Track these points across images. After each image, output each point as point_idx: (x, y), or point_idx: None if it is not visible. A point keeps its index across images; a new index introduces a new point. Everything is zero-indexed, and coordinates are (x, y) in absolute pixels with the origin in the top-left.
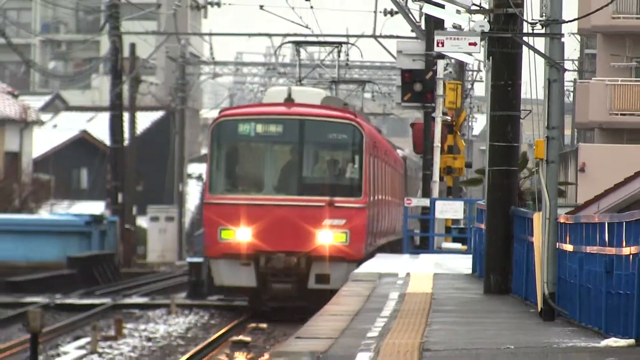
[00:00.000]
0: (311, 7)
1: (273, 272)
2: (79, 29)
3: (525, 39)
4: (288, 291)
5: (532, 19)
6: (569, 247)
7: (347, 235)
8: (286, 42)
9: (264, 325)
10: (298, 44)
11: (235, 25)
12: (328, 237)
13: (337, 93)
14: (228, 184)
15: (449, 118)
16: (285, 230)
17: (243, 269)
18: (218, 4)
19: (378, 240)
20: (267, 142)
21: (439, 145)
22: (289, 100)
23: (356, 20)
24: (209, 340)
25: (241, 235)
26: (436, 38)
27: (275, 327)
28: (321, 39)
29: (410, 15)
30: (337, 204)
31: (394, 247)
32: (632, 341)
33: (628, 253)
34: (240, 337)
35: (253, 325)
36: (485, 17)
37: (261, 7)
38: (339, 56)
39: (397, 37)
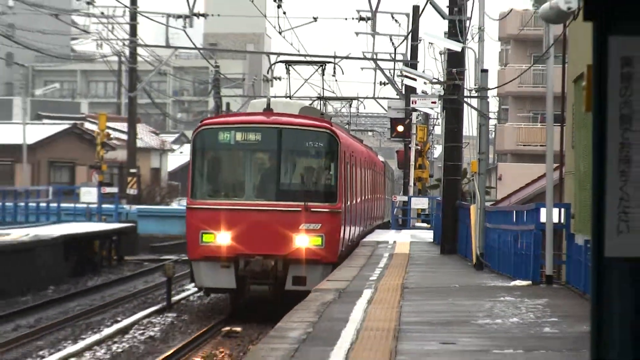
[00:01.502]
0: (336, 80)
1: (252, 274)
2: (196, 93)
3: (466, 99)
4: (265, 292)
5: (470, 88)
6: (491, 225)
7: (322, 238)
8: (278, 62)
9: (238, 329)
10: (288, 63)
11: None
12: (304, 240)
13: (326, 109)
14: (209, 189)
15: (419, 147)
16: (264, 234)
17: (223, 271)
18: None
19: (357, 237)
20: (246, 149)
21: (413, 163)
22: (268, 110)
23: (363, 88)
24: None
25: (221, 238)
26: (412, 98)
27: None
28: (340, 101)
29: (396, 85)
30: (312, 209)
31: (384, 227)
32: (529, 282)
33: (526, 229)
34: (230, 328)
35: (227, 329)
36: (441, 86)
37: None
38: (323, 74)
39: (388, 98)
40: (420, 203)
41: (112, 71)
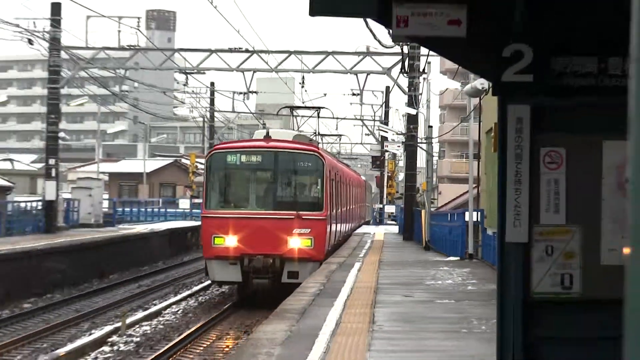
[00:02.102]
0: (338, 126)
1: (254, 270)
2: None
3: (419, 144)
4: (266, 285)
5: (421, 137)
6: (434, 222)
7: (311, 240)
8: (283, 107)
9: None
10: (292, 108)
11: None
12: (297, 242)
13: (323, 144)
14: (219, 201)
15: (389, 174)
16: (264, 237)
17: (231, 267)
18: None
19: (341, 237)
20: (250, 169)
21: (386, 184)
22: (267, 137)
23: (352, 134)
24: None
25: (229, 241)
26: (385, 143)
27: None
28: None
29: (375, 135)
30: (303, 217)
31: (367, 224)
32: (458, 258)
33: (456, 225)
34: None
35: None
36: (403, 136)
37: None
38: (318, 116)
39: (370, 143)
40: (390, 209)
41: (199, 127)
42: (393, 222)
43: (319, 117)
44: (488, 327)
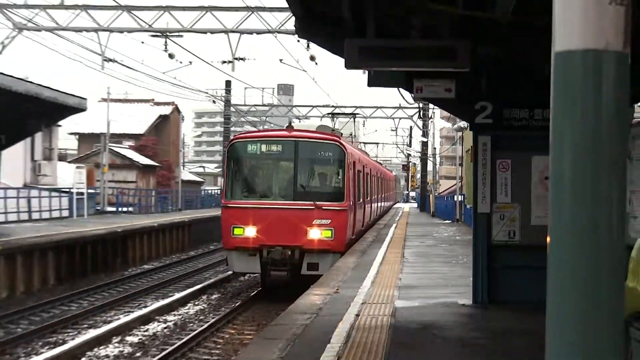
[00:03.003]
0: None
1: (272, 262)
2: None
3: (429, 158)
4: (284, 277)
5: (430, 153)
6: (437, 201)
7: (332, 231)
8: (326, 115)
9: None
10: (333, 115)
11: None
12: (317, 233)
13: (359, 146)
14: (239, 191)
15: (412, 174)
16: (283, 228)
17: (250, 258)
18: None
19: (364, 226)
20: (270, 158)
21: (410, 180)
22: (289, 127)
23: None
24: None
25: (248, 232)
26: (410, 158)
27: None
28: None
29: (404, 152)
30: (324, 207)
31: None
32: (450, 221)
33: (449, 202)
34: None
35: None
36: (420, 153)
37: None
38: (354, 121)
39: (400, 157)
40: (412, 194)
41: None
42: (414, 201)
43: (354, 120)
44: (468, 260)
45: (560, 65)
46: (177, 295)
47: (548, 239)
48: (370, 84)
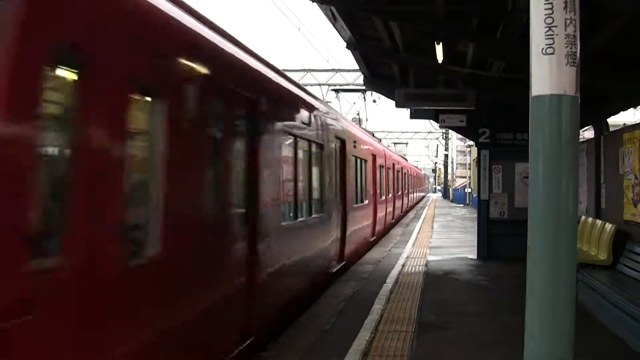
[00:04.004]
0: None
1: None
2: None
3: (448, 165)
4: None
5: (449, 161)
6: (455, 192)
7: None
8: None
9: None
10: (337, 90)
11: None
12: None
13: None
14: None
15: (438, 175)
16: None
17: None
18: None
19: (398, 216)
20: None
21: (436, 179)
22: None
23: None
24: None
25: None
26: (437, 165)
27: None
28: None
29: (432, 161)
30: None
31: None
32: (462, 205)
33: (463, 193)
34: None
35: None
36: (443, 161)
37: None
38: (364, 99)
39: (430, 164)
40: (438, 187)
41: None
42: (440, 192)
43: (365, 98)
44: (473, 230)
45: (535, 104)
46: None
47: (528, 218)
48: (412, 117)
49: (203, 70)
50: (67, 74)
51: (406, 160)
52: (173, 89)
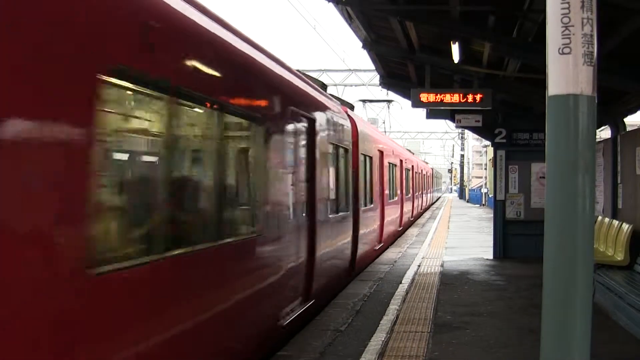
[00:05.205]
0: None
1: None
2: None
3: (465, 166)
4: None
5: (466, 161)
6: (471, 192)
7: None
8: (359, 100)
9: None
10: (364, 101)
11: None
12: None
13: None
14: None
15: (454, 175)
16: None
17: None
18: None
19: (417, 214)
20: None
21: (452, 179)
22: None
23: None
24: None
25: None
26: (453, 165)
27: None
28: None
29: (449, 161)
30: None
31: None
32: (479, 205)
33: (479, 193)
34: None
35: None
36: (459, 161)
37: None
38: (389, 108)
39: (446, 164)
40: (455, 188)
41: None
42: (456, 192)
43: (389, 108)
44: (490, 230)
45: (552, 104)
46: None
47: (544, 218)
48: (428, 117)
49: (295, 102)
50: None
51: (426, 163)
52: (285, 123)
